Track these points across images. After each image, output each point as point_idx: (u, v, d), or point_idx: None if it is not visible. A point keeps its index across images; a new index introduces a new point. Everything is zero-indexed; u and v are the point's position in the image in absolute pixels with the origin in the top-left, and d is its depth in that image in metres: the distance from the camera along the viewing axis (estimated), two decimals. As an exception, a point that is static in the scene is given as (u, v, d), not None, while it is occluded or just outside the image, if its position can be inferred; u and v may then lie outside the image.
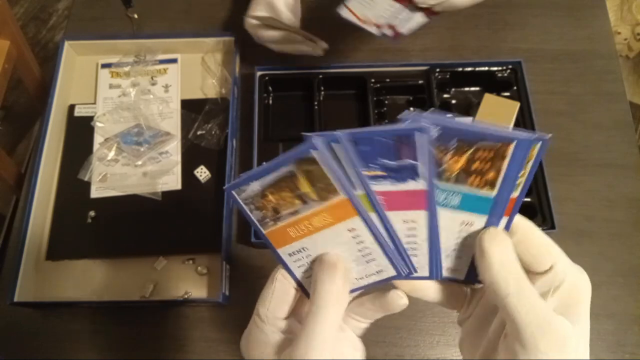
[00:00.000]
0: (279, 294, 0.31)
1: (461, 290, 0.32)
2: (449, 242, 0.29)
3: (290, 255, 0.30)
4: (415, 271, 0.30)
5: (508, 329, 0.27)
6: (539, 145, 0.25)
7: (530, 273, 0.27)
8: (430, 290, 0.32)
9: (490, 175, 0.26)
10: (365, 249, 0.29)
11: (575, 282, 0.28)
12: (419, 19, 0.59)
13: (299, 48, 0.70)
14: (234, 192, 0.27)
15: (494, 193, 0.26)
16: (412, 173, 0.25)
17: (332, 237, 0.28)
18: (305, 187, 0.26)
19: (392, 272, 0.30)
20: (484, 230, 0.27)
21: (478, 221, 0.27)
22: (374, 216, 0.27)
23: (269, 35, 0.69)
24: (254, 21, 0.69)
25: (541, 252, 0.27)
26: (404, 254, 0.29)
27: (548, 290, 0.27)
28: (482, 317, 0.31)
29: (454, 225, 0.28)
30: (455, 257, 0.29)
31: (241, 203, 0.28)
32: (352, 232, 0.28)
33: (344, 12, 0.59)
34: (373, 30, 0.59)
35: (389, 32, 0.59)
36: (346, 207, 0.26)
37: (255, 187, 0.27)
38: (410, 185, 0.26)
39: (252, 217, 0.28)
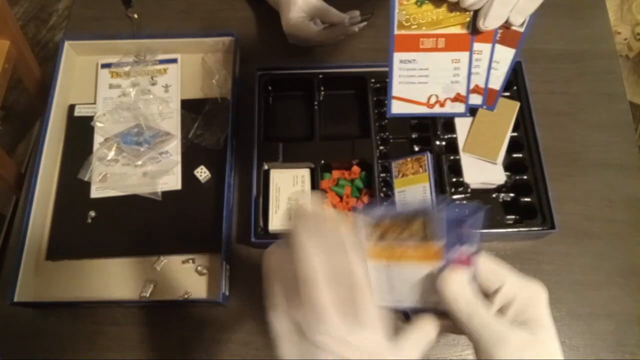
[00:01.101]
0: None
1: None
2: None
3: (374, 268, 0.35)
4: None
5: (474, 346, 0.32)
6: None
7: (488, 294, 0.33)
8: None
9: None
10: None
11: (527, 294, 0.33)
12: (504, 55, 0.43)
13: (341, 32, 0.72)
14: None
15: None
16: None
17: (411, 271, 0.34)
18: (416, 227, 0.33)
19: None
20: (442, 274, 0.32)
21: None
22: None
23: (315, 29, 0.70)
24: (300, 19, 0.69)
25: (490, 274, 0.33)
26: None
27: (504, 306, 0.33)
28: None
29: None
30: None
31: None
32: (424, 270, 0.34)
33: (393, 108, 0.46)
34: (453, 110, 0.45)
35: (478, 101, 0.45)
36: (436, 252, 0.33)
37: (382, 215, 0.35)
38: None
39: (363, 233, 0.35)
